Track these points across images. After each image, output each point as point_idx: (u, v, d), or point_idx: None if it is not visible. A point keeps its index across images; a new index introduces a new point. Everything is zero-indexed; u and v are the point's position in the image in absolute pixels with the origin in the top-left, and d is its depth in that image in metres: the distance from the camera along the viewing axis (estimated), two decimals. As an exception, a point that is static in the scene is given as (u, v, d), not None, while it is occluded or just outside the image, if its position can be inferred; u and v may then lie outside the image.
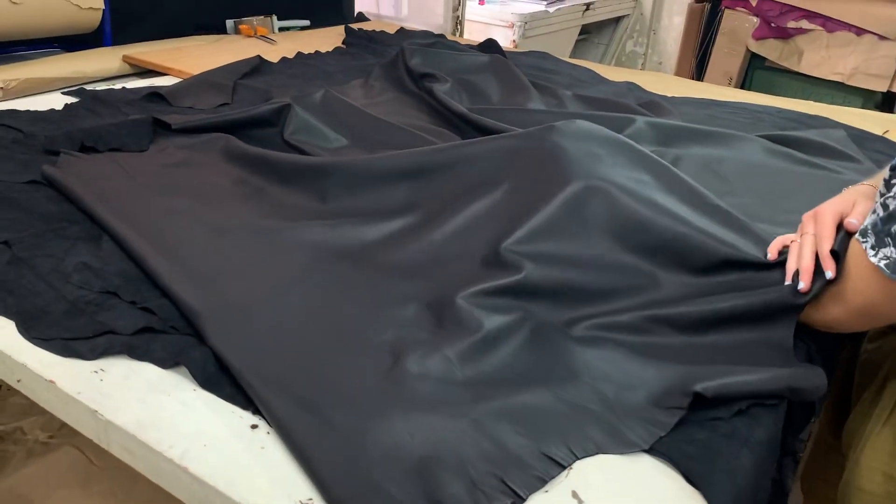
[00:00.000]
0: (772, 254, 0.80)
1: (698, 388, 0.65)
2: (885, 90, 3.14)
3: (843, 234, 0.75)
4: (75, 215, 0.97)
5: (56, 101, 1.43)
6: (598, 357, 0.73)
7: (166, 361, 0.70)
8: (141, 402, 0.66)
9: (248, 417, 0.65)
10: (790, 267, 0.76)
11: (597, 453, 0.63)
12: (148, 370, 0.70)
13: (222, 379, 0.69)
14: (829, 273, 0.72)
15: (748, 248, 0.82)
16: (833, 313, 0.73)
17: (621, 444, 0.63)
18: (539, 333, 0.76)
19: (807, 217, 0.80)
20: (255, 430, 0.64)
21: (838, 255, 0.73)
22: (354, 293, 0.82)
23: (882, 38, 3.10)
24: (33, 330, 0.74)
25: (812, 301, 0.74)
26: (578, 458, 0.62)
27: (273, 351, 0.71)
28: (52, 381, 0.68)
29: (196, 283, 0.81)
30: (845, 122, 1.55)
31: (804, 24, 3.27)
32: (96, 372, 0.69)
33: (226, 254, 0.89)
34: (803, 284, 0.73)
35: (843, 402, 0.91)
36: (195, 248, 0.89)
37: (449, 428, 0.63)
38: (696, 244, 0.82)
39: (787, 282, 0.75)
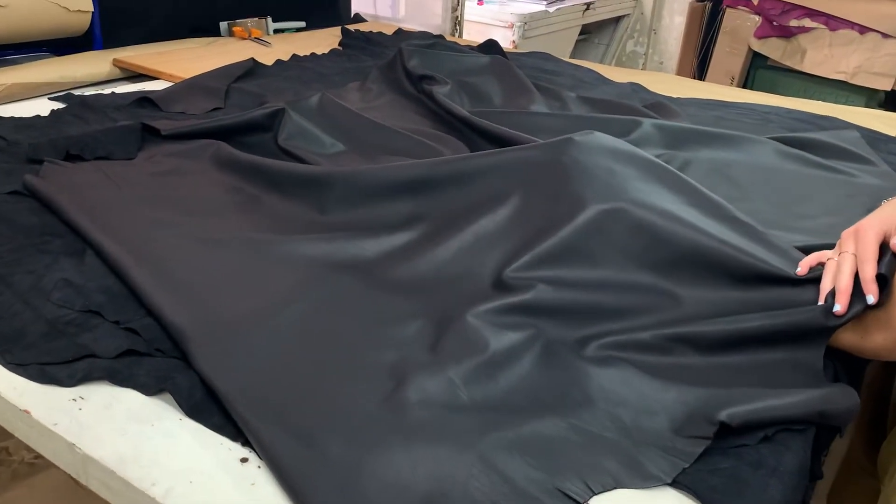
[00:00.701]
0: (802, 269, 0.76)
1: (723, 416, 0.61)
2: (889, 89, 3.10)
3: (890, 258, 0.70)
4: (58, 228, 0.92)
5: (43, 106, 1.38)
6: (614, 379, 0.68)
7: (150, 388, 0.66)
8: (122, 434, 0.61)
9: (238, 450, 0.60)
10: (825, 286, 0.71)
11: (615, 488, 0.58)
12: (130, 397, 0.65)
13: (210, 407, 0.64)
14: (871, 298, 0.67)
15: (774, 262, 0.77)
16: (878, 340, 0.68)
17: (640, 478, 0.59)
18: (550, 354, 0.71)
19: (847, 234, 0.75)
20: (246, 463, 0.59)
21: (885, 278, 0.68)
22: (353, 312, 0.77)
23: (886, 36, 3.06)
24: (8, 354, 0.69)
25: (855, 327, 0.69)
26: (595, 494, 0.57)
27: (264, 376, 0.66)
28: (27, 412, 0.63)
29: (183, 301, 0.76)
30: (855, 123, 1.51)
31: (807, 22, 3.23)
32: (75, 400, 0.64)
33: (216, 269, 0.84)
34: (839, 307, 0.68)
35: (877, 420, 0.86)
36: (183, 262, 0.84)
37: (455, 460, 0.58)
38: (719, 256, 0.78)
39: (820, 302, 0.70)
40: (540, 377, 0.68)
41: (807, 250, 0.82)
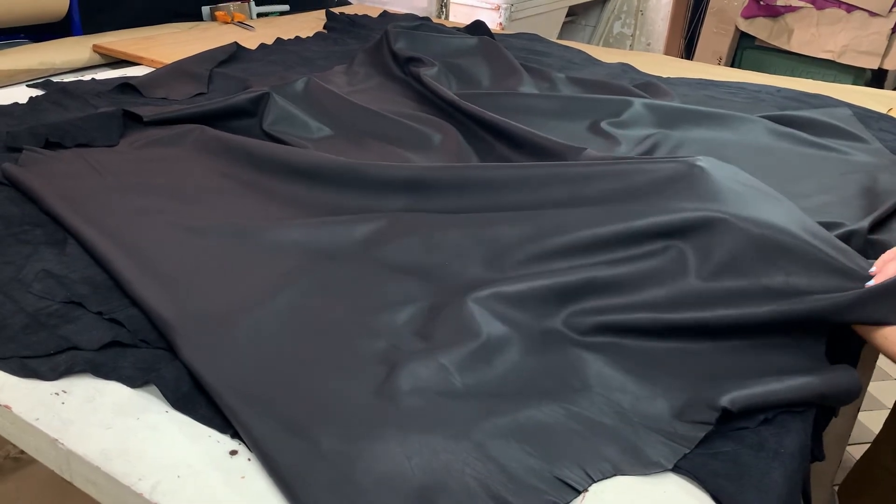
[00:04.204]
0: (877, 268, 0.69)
1: (725, 402, 0.59)
2: (875, 67, 3.10)
3: None
4: (39, 217, 0.89)
5: (21, 94, 1.34)
6: (611, 364, 0.67)
7: (135, 380, 0.64)
8: (106, 428, 0.59)
9: (227, 442, 0.59)
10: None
11: (614, 475, 0.57)
12: (115, 390, 0.63)
13: (197, 399, 0.62)
14: None
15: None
16: None
17: (641, 464, 0.57)
18: (545, 338, 0.69)
19: None
20: (235, 456, 0.57)
21: None
22: (342, 298, 0.75)
23: (873, 14, 3.05)
24: (-13, 348, 0.67)
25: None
26: (595, 481, 0.56)
27: (253, 366, 0.64)
28: (7, 407, 0.61)
29: (168, 290, 0.74)
30: (846, 101, 1.50)
31: (793, 1, 3.21)
32: (57, 394, 0.62)
33: (202, 257, 0.82)
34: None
35: None
36: (169, 250, 0.82)
37: (451, 450, 0.56)
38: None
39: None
40: (536, 363, 0.67)
41: None
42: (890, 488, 0.80)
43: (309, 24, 2.05)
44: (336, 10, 2.15)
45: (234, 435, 0.59)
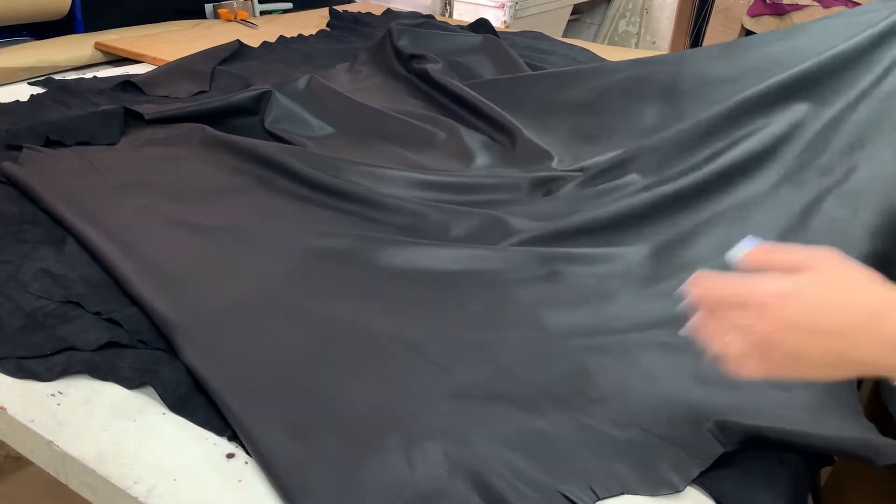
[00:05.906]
0: None
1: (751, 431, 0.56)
2: (883, 66, 3.07)
3: None
4: (38, 217, 0.89)
5: (22, 92, 1.34)
6: (628, 372, 0.64)
7: (132, 381, 0.63)
8: (103, 430, 0.58)
9: (224, 445, 0.58)
10: None
11: (622, 493, 0.55)
12: (111, 391, 0.62)
13: (195, 400, 0.61)
14: None
15: None
16: None
17: (650, 484, 0.55)
18: (560, 343, 0.68)
19: None
20: (232, 459, 0.56)
21: None
22: (348, 297, 0.74)
23: (879, 12, 3.03)
24: (-17, 348, 0.66)
25: None
26: (600, 499, 0.54)
27: (255, 367, 0.64)
28: (2, 408, 0.60)
29: (169, 290, 0.73)
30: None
31: (800, -1, 3.19)
32: (53, 395, 0.62)
33: (202, 256, 0.81)
34: None
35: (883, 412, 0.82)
36: (169, 250, 0.82)
37: (454, 460, 0.55)
38: None
39: None
40: (549, 370, 0.65)
41: None
42: (873, 487, 0.77)
43: (312, 21, 2.04)
44: (339, 8, 2.14)
45: (232, 438, 0.58)
